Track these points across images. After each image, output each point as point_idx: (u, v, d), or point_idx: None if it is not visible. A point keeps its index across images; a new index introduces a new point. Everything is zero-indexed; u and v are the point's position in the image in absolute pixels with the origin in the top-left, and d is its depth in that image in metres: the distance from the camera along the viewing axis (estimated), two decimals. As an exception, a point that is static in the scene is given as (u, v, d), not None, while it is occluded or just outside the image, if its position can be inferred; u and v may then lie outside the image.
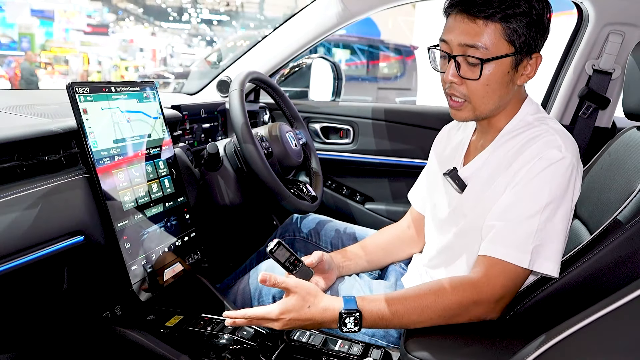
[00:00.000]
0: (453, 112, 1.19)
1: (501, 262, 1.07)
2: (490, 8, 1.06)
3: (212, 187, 1.56)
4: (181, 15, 30.28)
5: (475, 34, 1.08)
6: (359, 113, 2.28)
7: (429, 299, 1.08)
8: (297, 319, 1.10)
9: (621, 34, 1.88)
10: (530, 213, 1.07)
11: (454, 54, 1.12)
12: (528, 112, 1.20)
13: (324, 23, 2.02)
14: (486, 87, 1.12)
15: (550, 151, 1.08)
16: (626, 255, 1.05)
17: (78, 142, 1.17)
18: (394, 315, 1.09)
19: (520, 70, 1.13)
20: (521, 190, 1.09)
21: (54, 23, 21.15)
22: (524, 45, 1.10)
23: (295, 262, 1.25)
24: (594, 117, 2.00)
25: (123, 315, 1.29)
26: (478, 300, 1.08)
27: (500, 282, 1.08)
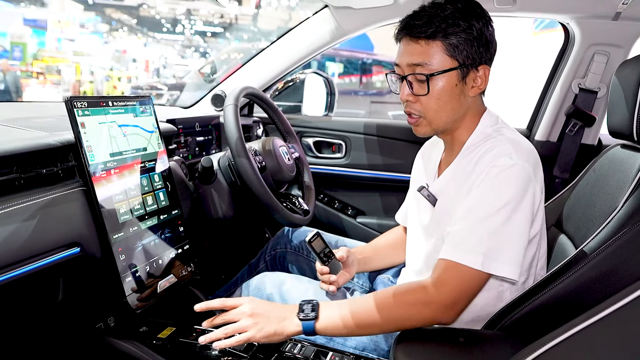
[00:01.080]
0: (413, 128, 1.28)
1: (455, 265, 1.10)
2: (429, 28, 1.16)
3: (206, 200, 1.58)
4: (175, 27, 30.31)
5: (419, 53, 1.18)
6: (351, 128, 2.31)
7: (382, 300, 1.13)
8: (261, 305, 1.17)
9: (606, 54, 1.94)
10: (483, 217, 1.10)
11: (404, 74, 1.21)
12: (487, 124, 1.25)
13: (317, 40, 2.06)
14: (438, 101, 1.20)
15: (500, 159, 1.12)
16: (609, 270, 1.08)
17: (75, 155, 1.19)
18: (347, 312, 1.13)
19: (469, 82, 1.20)
20: (475, 196, 1.13)
21: (47, 32, 21.11)
22: (466, 59, 1.18)
23: (329, 254, 1.37)
24: (581, 134, 2.05)
25: (116, 326, 1.30)
26: (428, 302, 1.10)
27: (452, 285, 1.10)
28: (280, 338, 1.14)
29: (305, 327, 1.13)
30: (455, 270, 1.10)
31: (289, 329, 1.13)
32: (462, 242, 1.11)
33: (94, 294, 1.27)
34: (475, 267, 1.08)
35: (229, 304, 1.17)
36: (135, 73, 21.59)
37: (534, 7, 1.89)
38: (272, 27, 25.24)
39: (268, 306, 1.18)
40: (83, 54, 20.89)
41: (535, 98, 2.21)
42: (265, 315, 1.14)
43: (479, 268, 1.08)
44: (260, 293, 1.43)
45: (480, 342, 1.13)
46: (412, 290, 1.13)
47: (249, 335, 1.11)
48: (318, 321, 1.13)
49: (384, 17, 1.97)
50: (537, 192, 1.15)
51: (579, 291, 1.10)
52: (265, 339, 1.12)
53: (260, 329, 1.12)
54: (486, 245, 1.09)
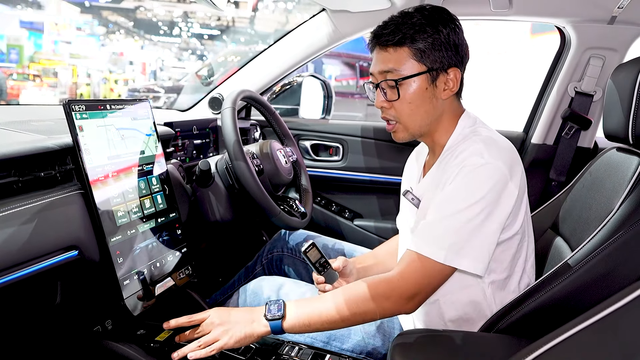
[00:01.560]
0: (392, 135, 1.30)
1: (418, 258, 1.13)
2: (396, 36, 1.20)
3: (204, 203, 1.59)
4: (172, 29, 30.33)
5: (388, 60, 1.21)
6: (348, 131, 2.31)
7: (346, 295, 1.15)
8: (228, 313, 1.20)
9: (602, 58, 1.95)
10: (450, 213, 1.12)
11: (377, 82, 1.25)
12: (465, 125, 1.26)
13: (314, 43, 2.06)
14: (410, 105, 1.22)
15: (471, 158, 1.13)
16: (605, 273, 1.08)
17: (73, 158, 1.18)
18: (313, 309, 1.16)
19: (439, 85, 1.22)
20: (445, 193, 1.15)
21: (43, 35, 21.09)
22: (434, 63, 1.20)
23: (324, 264, 1.38)
24: (577, 137, 2.06)
25: (114, 329, 1.30)
26: (389, 295, 1.13)
27: (413, 278, 1.12)
28: (252, 340, 1.16)
29: (273, 327, 1.15)
30: (418, 263, 1.13)
31: (258, 330, 1.16)
32: (427, 235, 1.14)
33: (92, 297, 1.28)
34: (438, 260, 1.11)
35: (195, 318, 1.20)
36: (132, 76, 21.57)
37: (530, 11, 1.90)
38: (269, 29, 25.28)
39: (235, 312, 1.20)
40: (80, 57, 20.88)
41: (532, 100, 2.22)
42: (234, 321, 1.17)
43: (441, 261, 1.11)
44: (257, 297, 1.44)
45: (476, 345, 1.14)
46: (375, 285, 1.15)
47: (221, 344, 1.14)
48: (285, 320, 1.15)
49: (381, 20, 1.97)
50: (513, 190, 1.14)
51: (575, 294, 1.11)
52: (237, 344, 1.15)
53: (231, 336, 1.14)
54: (451, 240, 1.11)
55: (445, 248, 1.10)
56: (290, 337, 1.32)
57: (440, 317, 1.25)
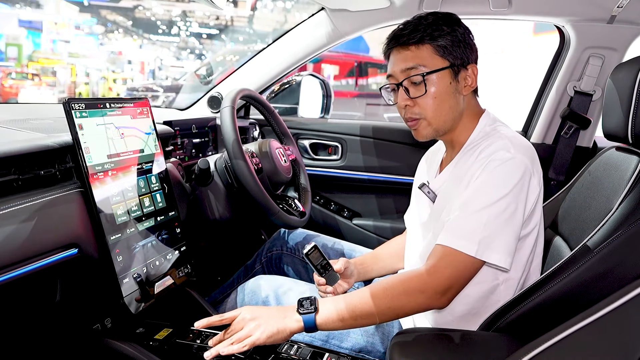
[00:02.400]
0: (414, 133, 1.32)
1: (451, 253, 1.14)
2: (417, 34, 1.24)
3: (203, 202, 1.59)
4: (170, 28, 30.30)
5: (412, 57, 1.25)
6: (347, 130, 2.32)
7: (380, 290, 1.15)
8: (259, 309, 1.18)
9: (601, 57, 1.95)
10: (481, 206, 1.14)
11: (399, 81, 1.27)
12: (486, 123, 1.30)
13: (313, 42, 2.07)
14: (435, 100, 1.25)
15: (499, 152, 1.16)
16: (604, 271, 1.08)
17: (73, 157, 1.18)
18: (347, 304, 1.15)
19: (461, 81, 1.26)
20: (473, 188, 1.17)
21: (42, 34, 21.06)
22: (456, 58, 1.25)
23: (326, 266, 1.39)
24: (576, 136, 2.06)
25: (113, 327, 1.30)
26: (424, 289, 1.14)
27: (447, 272, 1.14)
28: (283, 336, 1.14)
29: (306, 321, 1.14)
30: (450, 257, 1.14)
31: (291, 325, 1.14)
32: (458, 230, 1.15)
33: (92, 295, 1.28)
34: (469, 254, 1.12)
35: (227, 317, 1.17)
36: (130, 75, 21.55)
37: (529, 10, 1.90)
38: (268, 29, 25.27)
39: (265, 308, 1.19)
40: (78, 56, 20.86)
41: (531, 100, 2.22)
42: (266, 316, 1.15)
43: (473, 255, 1.12)
44: (255, 296, 1.44)
45: (475, 343, 1.14)
46: (408, 279, 1.15)
47: (254, 339, 1.11)
48: (318, 314, 1.14)
49: (380, 19, 1.98)
50: (535, 185, 1.18)
51: (574, 293, 1.11)
52: (269, 339, 1.12)
53: (263, 330, 1.12)
54: (481, 234, 1.12)
55: (476, 242, 1.12)
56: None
57: (450, 310, 1.25)
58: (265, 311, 1.17)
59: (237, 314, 1.16)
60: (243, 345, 1.10)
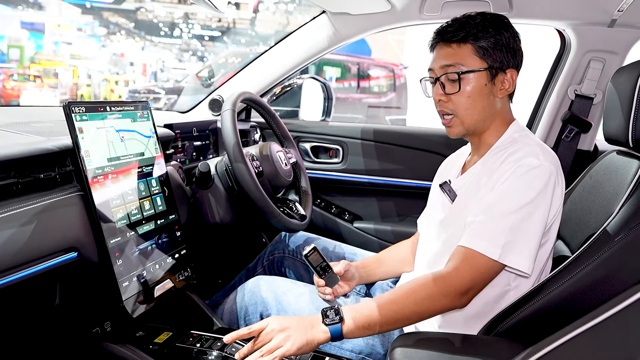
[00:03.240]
0: (447, 130, 1.34)
1: (473, 255, 1.15)
2: (461, 32, 1.26)
3: (203, 205, 1.58)
4: (172, 30, 30.32)
5: (452, 55, 1.28)
6: (348, 133, 2.31)
7: (404, 296, 1.16)
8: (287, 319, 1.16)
9: (602, 61, 1.95)
10: (506, 211, 1.15)
11: (438, 75, 1.30)
12: (515, 130, 1.32)
13: (315, 45, 2.07)
14: (468, 99, 1.27)
15: (528, 159, 1.18)
16: (605, 275, 1.08)
17: (73, 160, 1.19)
18: (371, 311, 1.15)
19: (497, 84, 1.28)
20: (499, 191, 1.19)
21: (44, 35, 21.09)
22: (495, 61, 1.26)
23: (325, 267, 1.40)
24: (577, 140, 2.06)
25: (113, 331, 1.30)
26: (447, 292, 1.15)
27: (469, 274, 1.15)
28: (311, 347, 1.13)
29: (333, 331, 1.13)
30: (473, 259, 1.15)
31: (318, 336, 1.13)
32: (483, 233, 1.16)
33: (91, 299, 1.27)
34: (492, 257, 1.14)
35: (255, 328, 1.14)
36: (132, 77, 21.57)
37: (529, 14, 1.90)
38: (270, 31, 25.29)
39: (293, 319, 1.17)
40: (80, 58, 20.88)
41: (532, 104, 2.21)
42: (294, 327, 1.14)
43: (495, 258, 1.14)
44: (255, 297, 1.43)
45: (476, 347, 1.13)
46: (431, 282, 1.16)
47: (284, 350, 1.09)
48: (344, 324, 1.14)
49: (382, 22, 1.98)
50: (559, 194, 1.20)
51: (575, 297, 1.11)
52: (299, 351, 1.11)
53: (293, 342, 1.11)
54: (505, 238, 1.14)
55: (500, 246, 1.14)
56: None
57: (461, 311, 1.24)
58: (293, 321, 1.16)
59: (265, 325, 1.14)
60: (274, 357, 1.08)
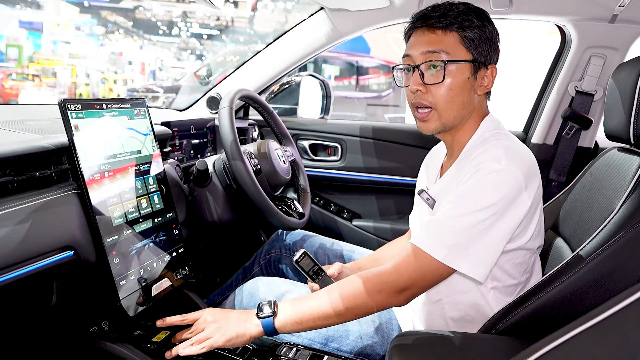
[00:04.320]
0: (420, 124, 1.26)
1: (418, 253, 1.11)
2: (447, 19, 1.19)
3: (201, 203, 1.58)
4: (171, 29, 30.28)
5: (436, 41, 1.19)
6: (347, 131, 2.30)
7: (338, 290, 1.14)
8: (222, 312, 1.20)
9: (602, 57, 1.94)
10: (459, 213, 1.10)
11: (417, 63, 1.21)
12: (487, 128, 1.24)
13: (313, 42, 2.05)
14: (450, 92, 1.19)
15: (488, 162, 1.11)
16: (606, 273, 1.07)
17: (69, 158, 1.17)
18: (305, 306, 1.15)
19: (478, 79, 1.22)
20: (457, 193, 1.13)
21: (43, 35, 21.06)
22: (480, 54, 1.20)
23: (318, 271, 1.38)
24: (577, 137, 2.05)
25: (110, 330, 1.29)
26: (381, 289, 1.12)
27: (407, 272, 1.11)
28: (243, 340, 1.15)
29: (265, 325, 1.15)
30: (416, 257, 1.11)
31: (250, 330, 1.15)
32: (431, 232, 1.12)
33: (88, 298, 1.27)
34: (436, 258, 1.09)
35: (189, 317, 1.20)
36: (131, 75, 21.54)
37: (530, 10, 1.89)
38: (269, 29, 25.27)
39: (229, 312, 1.21)
40: (79, 57, 20.84)
41: (532, 100, 2.20)
42: (227, 319, 1.17)
43: (440, 259, 1.09)
44: (254, 298, 1.43)
45: (475, 346, 1.12)
46: (367, 278, 1.14)
47: (212, 341, 1.14)
48: (276, 318, 1.15)
49: (380, 19, 1.97)
50: (525, 201, 1.12)
51: (576, 295, 1.10)
52: (228, 343, 1.14)
53: (223, 333, 1.14)
54: (454, 240, 1.09)
55: (446, 247, 1.08)
56: (288, 338, 1.31)
57: (442, 316, 1.24)
58: (227, 314, 1.19)
59: (199, 316, 1.19)
60: (201, 347, 1.13)
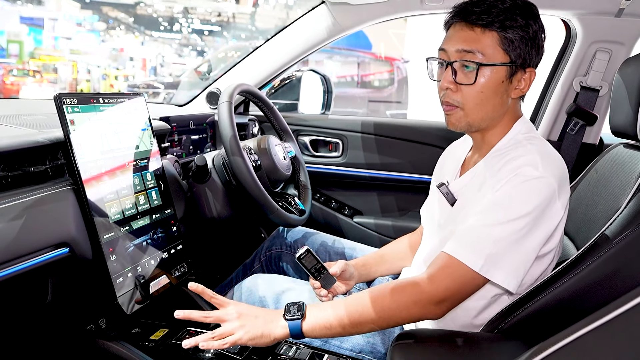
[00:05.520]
0: (446, 117, 1.21)
1: (453, 263, 1.07)
2: (488, 17, 1.11)
3: (200, 200, 1.56)
4: (172, 25, 30.28)
5: (473, 40, 1.12)
6: (348, 126, 2.28)
7: (372, 300, 1.10)
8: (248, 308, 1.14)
9: (608, 52, 1.91)
10: (495, 222, 1.06)
11: (451, 60, 1.15)
12: (520, 131, 1.19)
13: (314, 36, 2.03)
14: (480, 95, 1.14)
15: (526, 168, 1.07)
16: (612, 272, 1.05)
17: (65, 153, 1.16)
18: (336, 312, 1.10)
19: (514, 82, 1.15)
20: (491, 200, 1.09)
21: (44, 31, 21.07)
22: (518, 57, 1.13)
23: (320, 269, 1.35)
24: (582, 133, 2.02)
25: (108, 328, 1.28)
26: (417, 300, 1.08)
27: (445, 283, 1.07)
28: (267, 341, 1.10)
29: (292, 327, 1.10)
30: (452, 268, 1.07)
31: (276, 331, 1.10)
32: (467, 241, 1.08)
33: (85, 295, 1.25)
34: (473, 268, 1.05)
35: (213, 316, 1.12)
36: (132, 72, 21.56)
37: (534, 3, 1.86)
38: (270, 25, 25.27)
39: (255, 309, 1.16)
40: (80, 53, 20.87)
41: (536, 96, 2.18)
42: (253, 316, 1.12)
43: (477, 270, 1.05)
44: (252, 295, 1.41)
45: (478, 345, 1.10)
46: (402, 288, 1.10)
47: (235, 338, 1.08)
48: (305, 320, 1.10)
49: (382, 13, 1.94)
50: (558, 210, 1.09)
51: (581, 294, 1.08)
52: (251, 342, 1.09)
53: (247, 331, 1.09)
54: (490, 250, 1.05)
55: (483, 257, 1.05)
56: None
57: (453, 320, 1.21)
58: (254, 311, 1.14)
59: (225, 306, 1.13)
60: (224, 343, 1.07)
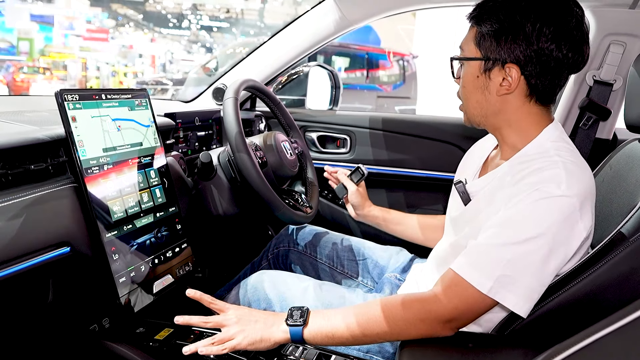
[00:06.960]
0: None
1: (461, 283, 1.02)
2: (473, 12, 1.11)
3: (206, 197, 1.54)
4: (181, 22, 30.36)
5: (465, 36, 1.15)
6: (356, 122, 2.25)
7: (377, 310, 1.06)
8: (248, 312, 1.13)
9: (622, 45, 1.86)
10: (508, 241, 1.00)
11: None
12: (548, 137, 1.10)
13: (321, 31, 2.00)
14: (464, 90, 1.16)
15: (548, 184, 0.99)
16: (629, 271, 1.02)
17: (66, 151, 1.14)
18: (339, 320, 1.08)
19: (494, 78, 1.09)
20: (507, 215, 1.02)
21: (54, 28, 21.20)
22: (490, 51, 1.08)
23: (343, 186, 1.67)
24: (595, 128, 1.98)
25: (111, 328, 1.26)
26: (424, 318, 1.04)
27: (452, 303, 1.02)
28: (267, 345, 1.08)
29: (293, 333, 1.08)
30: (460, 287, 1.02)
31: (276, 335, 1.08)
32: (476, 260, 1.02)
33: (87, 295, 1.23)
34: (481, 290, 1.00)
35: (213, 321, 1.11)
36: (141, 68, 21.66)
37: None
38: (278, 21, 25.26)
39: (255, 312, 1.14)
40: (90, 50, 20.98)
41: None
42: (253, 321, 1.10)
43: (485, 292, 0.99)
44: (257, 292, 1.39)
45: (489, 346, 1.08)
46: (409, 304, 1.06)
47: (235, 343, 1.06)
48: (306, 327, 1.08)
49: (390, 6, 1.91)
50: (581, 232, 1.01)
51: (596, 293, 1.04)
52: (251, 346, 1.07)
53: (247, 336, 1.07)
54: (501, 271, 0.99)
55: (493, 279, 0.99)
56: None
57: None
58: (254, 315, 1.12)
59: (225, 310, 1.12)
60: (223, 348, 1.06)
